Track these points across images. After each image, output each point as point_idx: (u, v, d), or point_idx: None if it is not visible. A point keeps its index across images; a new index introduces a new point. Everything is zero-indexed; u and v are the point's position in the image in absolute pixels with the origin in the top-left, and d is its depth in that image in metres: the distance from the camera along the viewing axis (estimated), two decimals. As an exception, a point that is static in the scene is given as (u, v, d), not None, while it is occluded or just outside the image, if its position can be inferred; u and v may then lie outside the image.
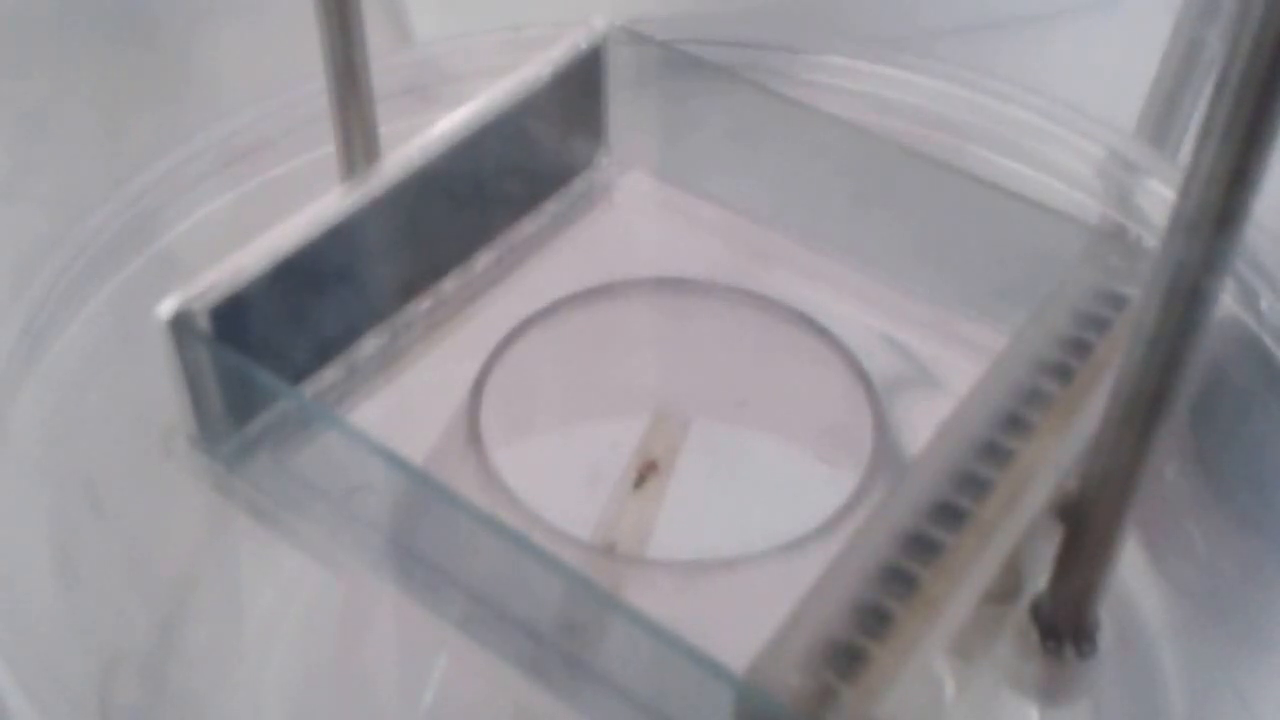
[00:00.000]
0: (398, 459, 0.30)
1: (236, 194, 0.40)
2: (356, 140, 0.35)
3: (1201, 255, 0.24)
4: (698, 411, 0.37)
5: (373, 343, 0.37)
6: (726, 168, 0.42)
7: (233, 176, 0.40)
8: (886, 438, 0.35)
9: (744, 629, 0.25)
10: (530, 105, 0.39)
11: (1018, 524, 0.28)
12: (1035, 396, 0.30)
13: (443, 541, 0.31)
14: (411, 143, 0.36)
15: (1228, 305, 0.37)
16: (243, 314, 0.32)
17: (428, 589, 0.31)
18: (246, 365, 0.32)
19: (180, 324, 0.31)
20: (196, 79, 0.50)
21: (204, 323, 0.32)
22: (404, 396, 0.37)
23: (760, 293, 0.39)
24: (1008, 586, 0.29)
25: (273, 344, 0.34)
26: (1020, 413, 0.30)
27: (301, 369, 0.35)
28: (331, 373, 0.36)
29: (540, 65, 0.39)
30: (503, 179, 0.40)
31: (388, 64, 0.40)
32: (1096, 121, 0.42)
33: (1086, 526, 0.28)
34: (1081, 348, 0.31)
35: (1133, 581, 0.35)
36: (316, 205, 0.34)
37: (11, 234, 0.42)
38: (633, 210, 0.43)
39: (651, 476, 0.35)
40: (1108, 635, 0.30)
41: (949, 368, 0.37)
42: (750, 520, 0.33)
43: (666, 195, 0.43)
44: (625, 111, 0.42)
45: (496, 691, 0.32)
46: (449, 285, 0.39)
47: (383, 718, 0.36)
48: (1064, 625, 0.30)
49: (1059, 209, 0.38)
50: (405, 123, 0.37)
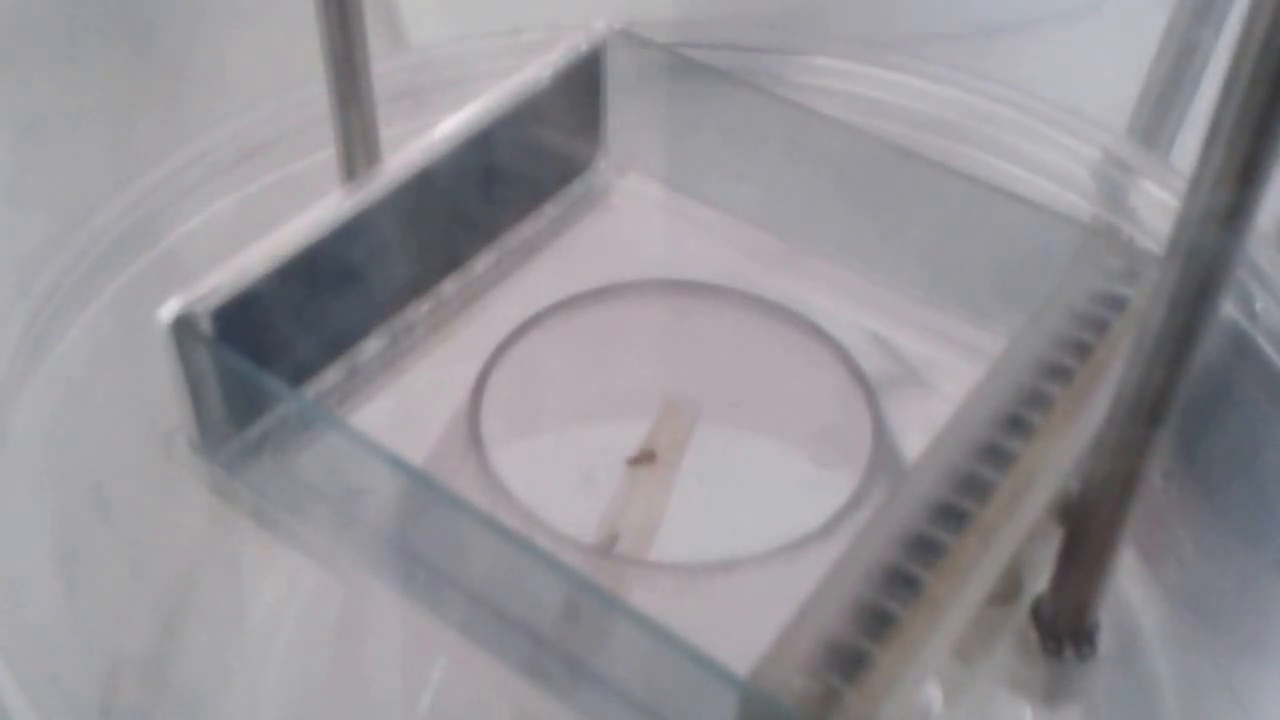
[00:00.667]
0: (399, 461, 0.30)
1: (238, 197, 0.40)
2: (357, 143, 0.35)
3: (1206, 259, 0.24)
4: (697, 413, 0.37)
5: (373, 345, 0.37)
6: (725, 170, 0.42)
7: (234, 180, 0.40)
8: (885, 439, 0.35)
9: (744, 631, 0.25)
10: (530, 108, 0.39)
11: (1019, 526, 0.28)
12: (1035, 398, 0.30)
13: (443, 543, 0.31)
14: (412, 146, 0.36)
15: (1222, 308, 0.37)
16: (244, 317, 0.32)
17: (428, 591, 0.31)
18: (248, 367, 0.32)
19: (182, 326, 0.31)
20: (198, 82, 0.50)
21: (206, 325, 0.32)
22: (404, 398, 0.37)
23: (759, 295, 0.39)
24: (1008, 588, 0.29)
25: (274, 346, 0.34)
26: (1021, 414, 0.30)
27: (302, 371, 0.35)
28: (332, 375, 0.36)
29: (540, 68, 0.39)
30: (502, 182, 0.40)
31: (388, 67, 0.40)
32: (1089, 122, 0.42)
33: (1087, 529, 0.28)
34: (1081, 349, 0.31)
35: (1128, 586, 0.35)
36: (317, 208, 0.34)
37: (14, 236, 0.42)
38: (632, 213, 0.43)
39: (648, 466, 0.35)
40: (1107, 639, 0.30)
41: (947, 369, 0.38)
42: (749, 522, 0.33)
43: (665, 198, 0.43)
44: (624, 114, 0.42)
45: (496, 694, 0.32)
46: (449, 287, 0.39)
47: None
48: (1064, 627, 0.30)
49: (1054, 209, 0.38)
50: (405, 126, 0.37)
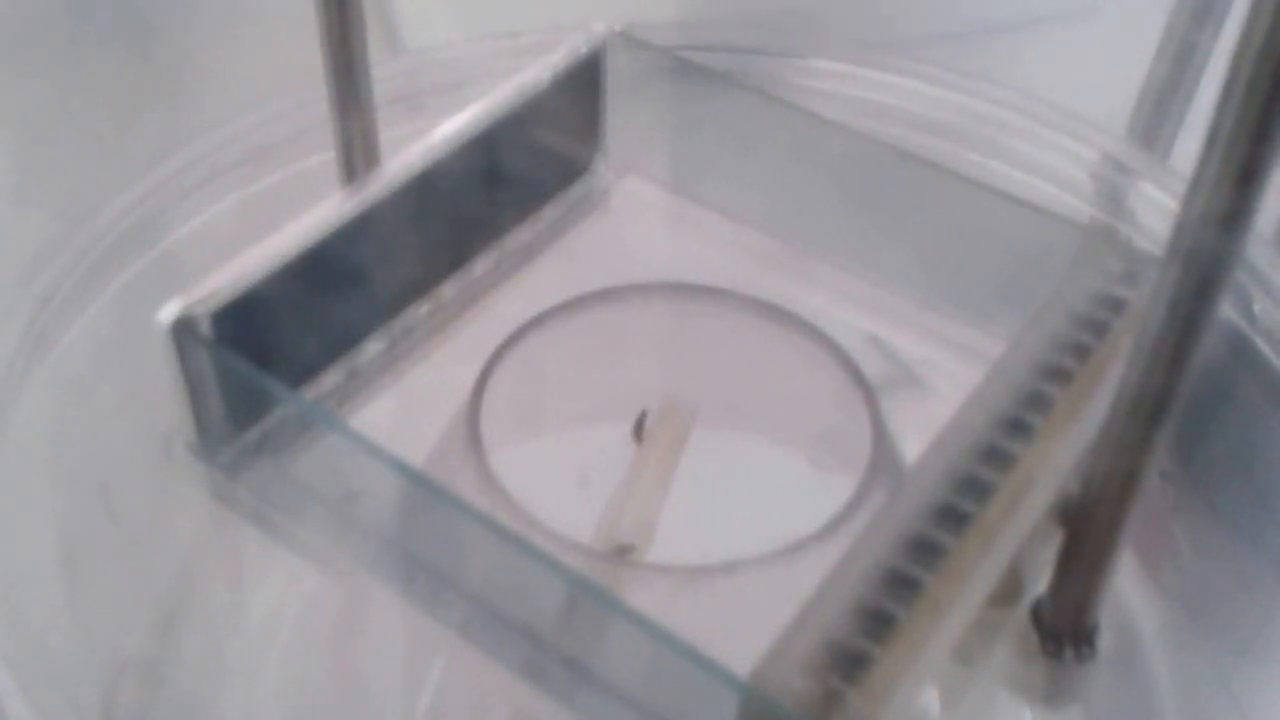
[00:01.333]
0: (398, 462, 0.30)
1: (238, 199, 0.40)
2: (357, 146, 0.35)
3: (1205, 260, 0.24)
4: (696, 415, 0.37)
5: (373, 347, 0.37)
6: (725, 172, 0.42)
7: (234, 181, 0.40)
8: (884, 442, 0.35)
9: (743, 633, 0.25)
10: (529, 110, 0.39)
11: (1020, 527, 0.28)
12: (1035, 400, 0.30)
13: (442, 545, 0.31)
14: (411, 148, 0.36)
15: (1221, 309, 0.37)
16: (244, 319, 0.32)
17: (427, 592, 0.31)
18: (248, 369, 0.32)
19: (182, 328, 0.31)
20: (199, 84, 0.50)
21: (205, 327, 0.32)
22: (404, 401, 0.37)
23: (758, 297, 0.39)
24: (1008, 590, 0.29)
25: (274, 348, 0.34)
26: (1021, 416, 0.30)
27: (302, 373, 0.35)
28: (331, 377, 0.36)
29: (540, 70, 0.39)
30: (502, 184, 0.40)
31: (388, 70, 0.40)
32: (1088, 124, 0.42)
33: (1087, 530, 0.28)
34: (1081, 351, 0.31)
35: (1128, 590, 0.35)
36: (317, 211, 0.34)
37: (15, 237, 0.42)
38: (631, 215, 0.43)
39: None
40: (1106, 641, 0.30)
41: (946, 371, 0.38)
42: (748, 524, 0.33)
43: (664, 200, 0.43)
44: (623, 117, 0.42)
45: (495, 695, 0.32)
46: (448, 290, 0.39)
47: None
48: (1064, 629, 0.30)
49: (1053, 212, 0.38)
50: (405, 128, 0.37)
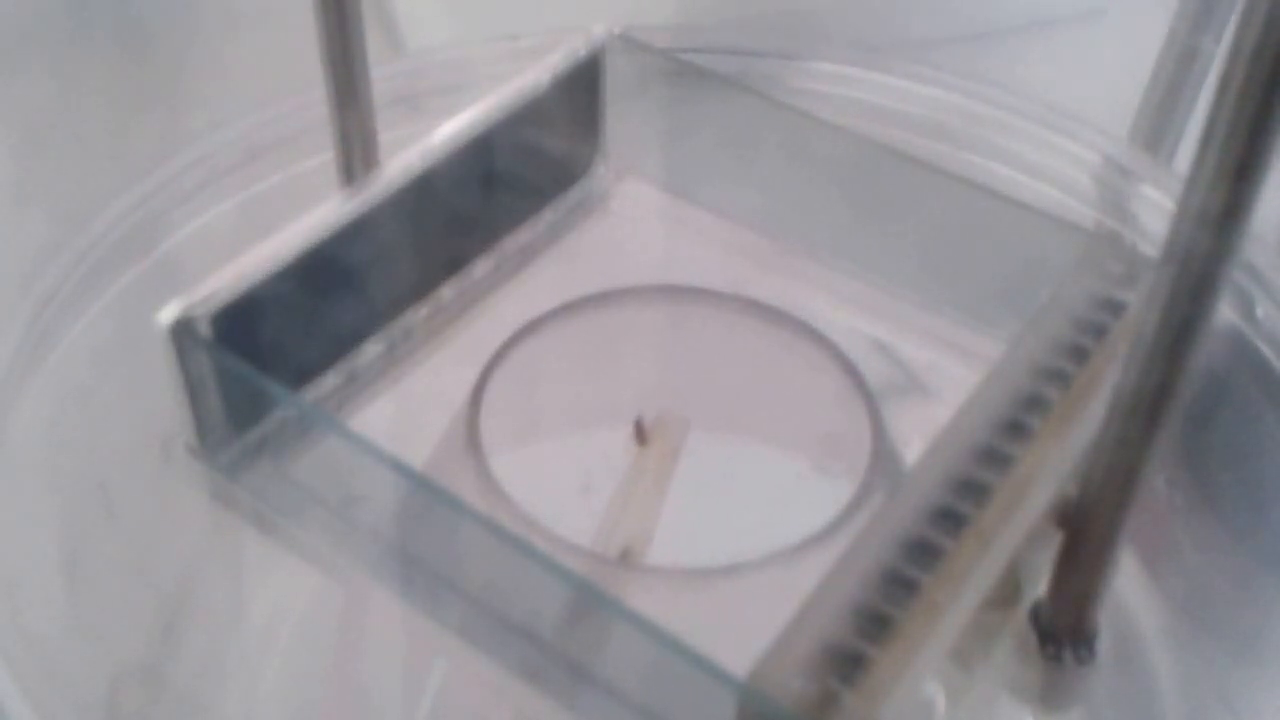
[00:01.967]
0: (398, 464, 0.30)
1: (237, 201, 0.40)
2: (356, 148, 0.35)
3: (1202, 261, 0.24)
4: (695, 418, 0.37)
5: (372, 349, 0.37)
6: (724, 175, 0.42)
7: (233, 183, 0.40)
8: (884, 445, 0.35)
9: (743, 635, 0.25)
10: (529, 113, 0.39)
11: (1018, 529, 0.28)
12: (1034, 402, 0.30)
13: (443, 547, 0.31)
14: (410, 150, 0.36)
15: (1223, 312, 0.37)
16: (243, 320, 0.32)
17: (427, 595, 0.31)
18: (248, 371, 0.32)
19: (181, 330, 0.31)
20: (198, 87, 0.50)
21: (205, 329, 0.32)
22: (403, 403, 0.37)
23: (758, 300, 0.39)
24: (1007, 592, 0.29)
25: (273, 351, 0.34)
26: (1019, 418, 0.30)
27: (301, 375, 0.35)
28: (331, 379, 0.36)
29: (539, 73, 0.39)
30: (501, 186, 0.40)
31: (387, 71, 0.40)
32: (1091, 128, 0.42)
33: (1086, 532, 0.28)
34: (1079, 354, 0.31)
35: (1128, 592, 0.35)
36: (316, 212, 0.34)
37: (15, 239, 0.42)
38: (630, 218, 0.43)
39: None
40: (1106, 644, 0.30)
41: (946, 375, 0.38)
42: (748, 527, 0.33)
43: (664, 203, 0.43)
44: (623, 119, 0.42)
45: (496, 698, 0.32)
46: (448, 292, 0.39)
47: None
48: (1063, 631, 0.30)
49: (1055, 215, 0.38)
50: (404, 130, 0.37)
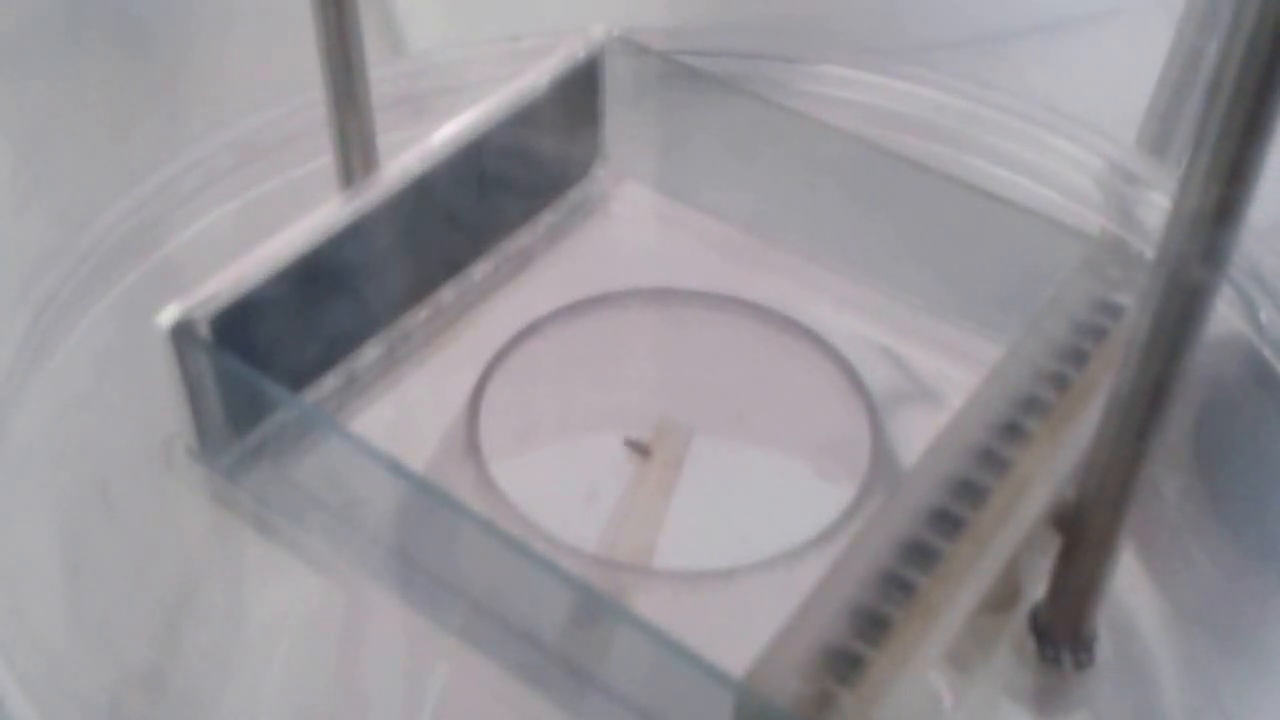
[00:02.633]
0: (398, 466, 0.30)
1: (237, 203, 0.40)
2: (355, 150, 0.35)
3: (1196, 262, 0.24)
4: (695, 422, 0.37)
5: (371, 352, 0.37)
6: (724, 178, 0.42)
7: (233, 186, 0.40)
8: (884, 449, 0.35)
9: (741, 637, 0.25)
10: (528, 115, 0.39)
11: (1015, 532, 0.28)
12: (1033, 405, 0.30)
13: (443, 550, 0.31)
14: (409, 152, 0.36)
15: (1228, 319, 0.37)
16: (243, 323, 0.32)
17: (428, 597, 0.31)
18: (248, 372, 0.32)
19: (181, 332, 0.31)
20: (197, 89, 0.50)
21: (205, 331, 0.32)
22: (402, 406, 0.37)
23: (758, 303, 0.39)
24: (1005, 596, 0.29)
25: (272, 353, 0.34)
26: (1018, 421, 0.30)
27: (300, 378, 0.35)
28: (330, 382, 0.36)
29: (538, 75, 0.39)
30: (500, 188, 0.40)
31: (386, 74, 0.40)
32: (1096, 133, 0.42)
33: (1083, 535, 0.28)
34: (1078, 357, 0.31)
35: (1129, 595, 0.35)
36: (316, 215, 0.34)
37: (15, 242, 0.42)
38: (630, 221, 0.43)
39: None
40: (1105, 648, 0.30)
41: (946, 379, 0.37)
42: (748, 531, 0.33)
43: (663, 205, 0.43)
44: (622, 122, 0.42)
45: (497, 700, 0.32)
46: (447, 295, 0.39)
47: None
48: (1062, 635, 0.30)
49: (1060, 220, 0.38)
50: (403, 132, 0.37)
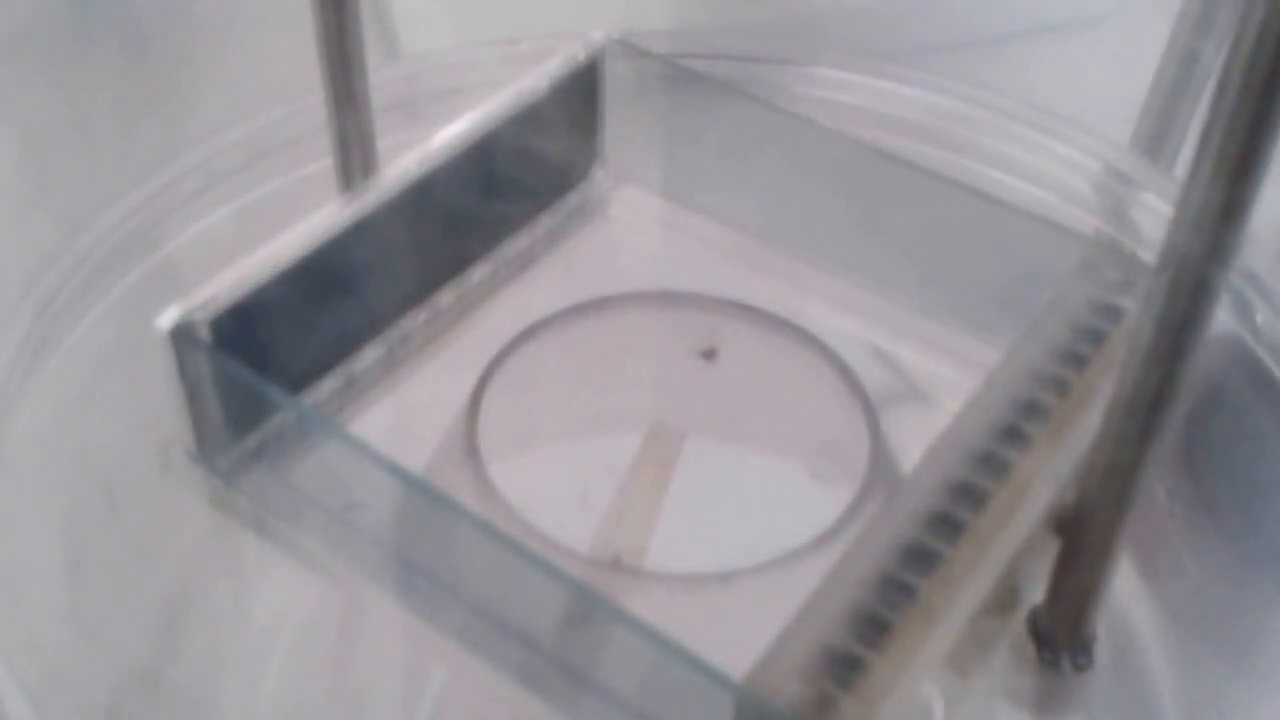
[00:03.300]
0: (397, 469, 0.30)
1: (236, 206, 0.40)
2: (354, 153, 0.35)
3: (1198, 265, 0.24)
4: (694, 425, 0.37)
5: (370, 355, 0.37)
6: (723, 181, 0.42)
7: (233, 188, 0.40)
8: (882, 452, 0.35)
9: (740, 641, 0.25)
10: (527, 118, 0.39)
11: (1015, 535, 0.28)
12: (1032, 409, 0.30)
13: (442, 552, 0.31)
14: (409, 156, 0.36)
15: (1223, 320, 0.37)
16: (243, 325, 0.32)
17: (426, 600, 0.31)
18: (247, 375, 0.32)
19: (181, 335, 0.31)
20: (196, 91, 0.50)
21: (204, 333, 0.32)
22: (401, 408, 0.37)
23: (756, 306, 0.39)
24: (1005, 599, 0.29)
25: (272, 355, 0.34)
26: (1017, 424, 0.30)
27: (300, 380, 0.35)
28: (329, 384, 0.36)
29: (538, 78, 0.39)
30: (499, 191, 0.40)
31: (386, 77, 0.40)
32: (1091, 135, 0.42)
33: (1083, 539, 0.28)
34: (1078, 360, 0.31)
35: (1126, 599, 0.35)
36: (315, 218, 0.34)
37: (15, 243, 0.42)
38: (629, 224, 0.43)
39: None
40: (1103, 650, 0.30)
41: (946, 382, 0.37)
42: (746, 534, 0.33)
43: (663, 209, 0.43)
44: (622, 125, 0.42)
45: (494, 703, 0.32)
46: (446, 298, 0.39)
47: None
48: (1061, 638, 0.30)
49: (1056, 222, 0.38)
50: (403, 136, 0.37)
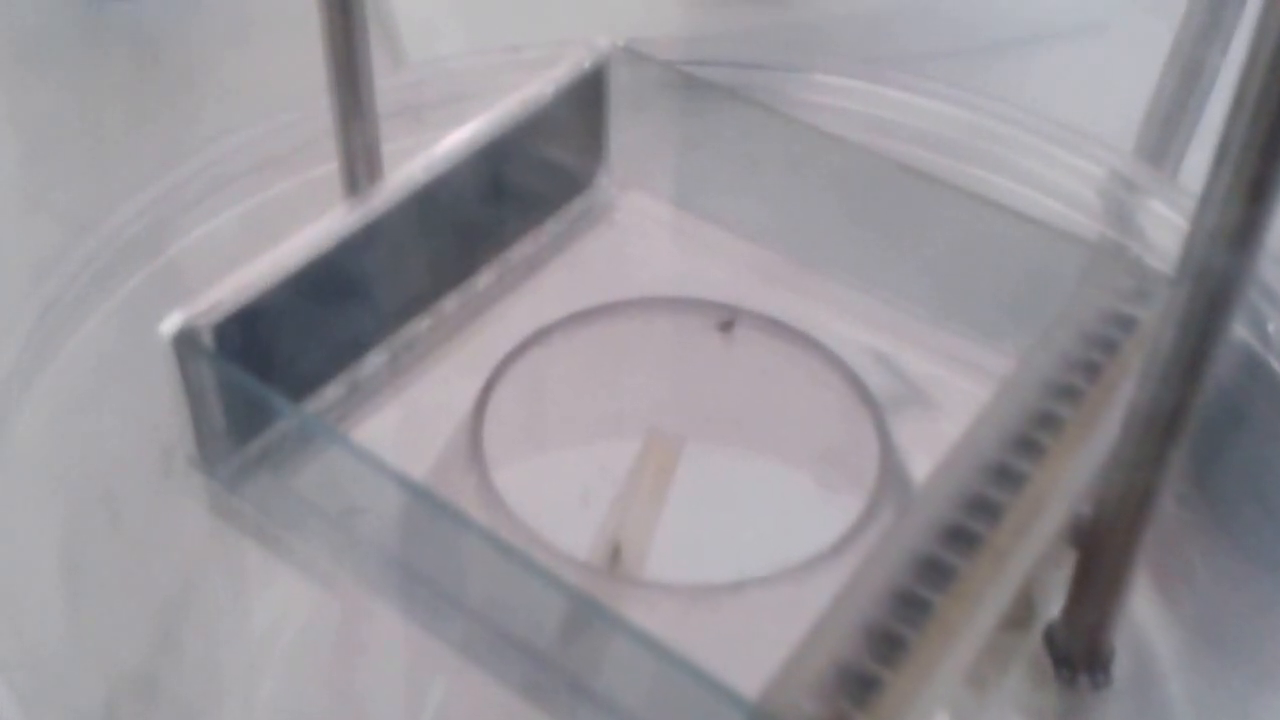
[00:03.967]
0: (400, 477, 0.29)
1: (241, 211, 0.39)
2: (359, 159, 0.35)
3: (1217, 279, 0.23)
4: (700, 432, 0.36)
5: (375, 360, 0.37)
6: (728, 187, 0.42)
7: (237, 193, 0.40)
8: (891, 460, 0.35)
9: (750, 653, 0.25)
10: (532, 124, 0.39)
11: (1032, 548, 0.28)
12: (1046, 419, 0.30)
13: (444, 560, 0.30)
14: (414, 161, 0.36)
15: (1235, 330, 0.37)
16: (246, 331, 0.32)
17: (428, 608, 0.30)
18: (250, 381, 0.32)
19: (184, 340, 0.31)
20: (203, 97, 0.50)
21: (207, 339, 0.31)
22: (406, 415, 0.36)
23: (763, 313, 0.39)
24: (1021, 613, 0.29)
25: (276, 361, 0.34)
26: (1031, 435, 0.29)
27: (304, 387, 0.35)
28: (333, 390, 0.36)
29: (543, 84, 0.39)
30: (505, 198, 0.39)
31: (392, 83, 0.40)
32: (1095, 141, 0.42)
33: (1100, 551, 0.28)
34: (1091, 369, 0.31)
35: (1144, 614, 0.35)
36: (320, 223, 0.34)
37: (18, 246, 0.42)
38: (635, 230, 0.43)
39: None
40: (1121, 667, 0.30)
41: (952, 389, 0.37)
42: (754, 543, 0.33)
43: (669, 215, 0.43)
44: (627, 131, 0.42)
45: (496, 714, 0.32)
46: (450, 304, 0.39)
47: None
48: (1078, 654, 0.29)
49: (1061, 229, 0.37)
50: (408, 141, 0.37)
